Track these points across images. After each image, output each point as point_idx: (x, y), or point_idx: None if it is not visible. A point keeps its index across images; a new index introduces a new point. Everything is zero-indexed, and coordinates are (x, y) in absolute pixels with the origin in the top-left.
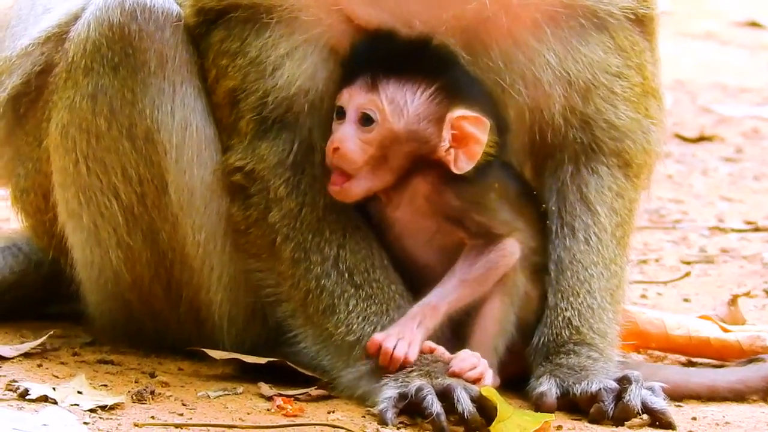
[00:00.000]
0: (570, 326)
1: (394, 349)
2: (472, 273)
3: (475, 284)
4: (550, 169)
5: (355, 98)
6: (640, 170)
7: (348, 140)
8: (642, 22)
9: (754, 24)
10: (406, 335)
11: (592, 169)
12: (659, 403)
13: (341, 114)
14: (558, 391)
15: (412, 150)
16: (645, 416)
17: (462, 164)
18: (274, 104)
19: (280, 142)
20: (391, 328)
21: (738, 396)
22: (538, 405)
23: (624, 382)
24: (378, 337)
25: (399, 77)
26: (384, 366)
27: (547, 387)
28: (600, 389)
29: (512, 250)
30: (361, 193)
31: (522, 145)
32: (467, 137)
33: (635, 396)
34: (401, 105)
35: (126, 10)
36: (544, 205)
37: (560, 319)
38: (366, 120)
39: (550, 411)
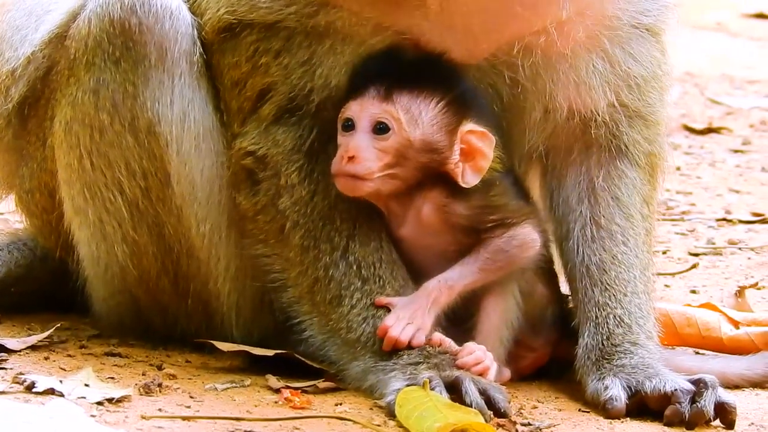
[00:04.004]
0: (622, 324)
1: (401, 333)
2: (494, 264)
3: (493, 273)
4: (576, 173)
5: (367, 108)
6: (659, 177)
7: (364, 149)
8: (664, 33)
9: (763, 16)
10: (417, 319)
11: (622, 172)
12: (731, 398)
13: (349, 126)
14: (626, 394)
15: (426, 161)
16: (716, 422)
17: (469, 178)
18: (313, 98)
19: (298, 128)
20: (402, 306)
21: (749, 383)
22: (607, 410)
23: (699, 385)
24: (388, 322)
25: (411, 88)
26: (387, 349)
27: (615, 392)
28: (676, 390)
29: (532, 238)
30: (368, 191)
31: (544, 144)
32: (474, 151)
33: (710, 401)
34: (416, 115)
35: (126, 4)
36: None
37: (611, 317)
38: (381, 129)
39: (619, 416)
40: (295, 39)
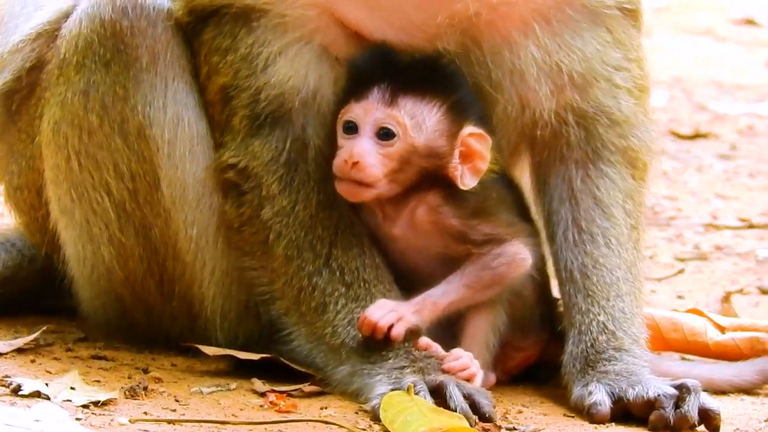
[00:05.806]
0: (606, 331)
1: (381, 318)
2: (480, 281)
3: (480, 291)
4: (556, 174)
5: (371, 113)
6: (644, 169)
7: (368, 154)
8: (634, 16)
9: (751, 21)
10: (399, 312)
11: (601, 171)
12: (715, 404)
13: (351, 129)
14: (610, 400)
15: (427, 165)
16: (701, 428)
17: (467, 180)
18: (266, 101)
19: (273, 139)
20: (387, 302)
21: (736, 390)
22: (592, 415)
23: (682, 389)
24: (368, 311)
25: (415, 93)
26: (366, 334)
27: (599, 397)
28: (659, 395)
29: (523, 256)
30: (370, 197)
31: (510, 144)
32: (473, 154)
33: (693, 406)
34: (420, 120)
35: (117, 6)
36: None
37: (594, 323)
38: (385, 135)
39: (604, 421)
40: (236, 30)
